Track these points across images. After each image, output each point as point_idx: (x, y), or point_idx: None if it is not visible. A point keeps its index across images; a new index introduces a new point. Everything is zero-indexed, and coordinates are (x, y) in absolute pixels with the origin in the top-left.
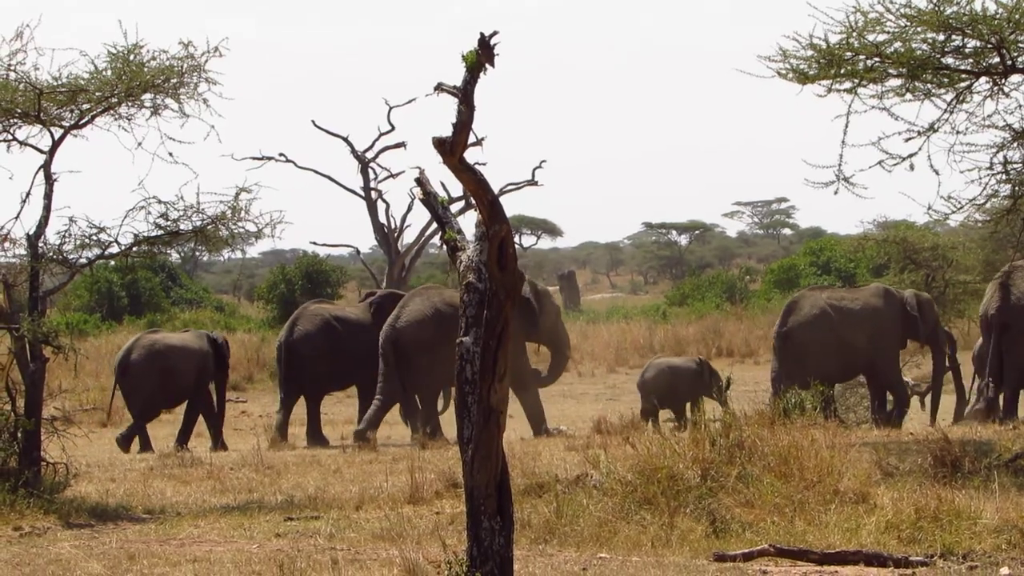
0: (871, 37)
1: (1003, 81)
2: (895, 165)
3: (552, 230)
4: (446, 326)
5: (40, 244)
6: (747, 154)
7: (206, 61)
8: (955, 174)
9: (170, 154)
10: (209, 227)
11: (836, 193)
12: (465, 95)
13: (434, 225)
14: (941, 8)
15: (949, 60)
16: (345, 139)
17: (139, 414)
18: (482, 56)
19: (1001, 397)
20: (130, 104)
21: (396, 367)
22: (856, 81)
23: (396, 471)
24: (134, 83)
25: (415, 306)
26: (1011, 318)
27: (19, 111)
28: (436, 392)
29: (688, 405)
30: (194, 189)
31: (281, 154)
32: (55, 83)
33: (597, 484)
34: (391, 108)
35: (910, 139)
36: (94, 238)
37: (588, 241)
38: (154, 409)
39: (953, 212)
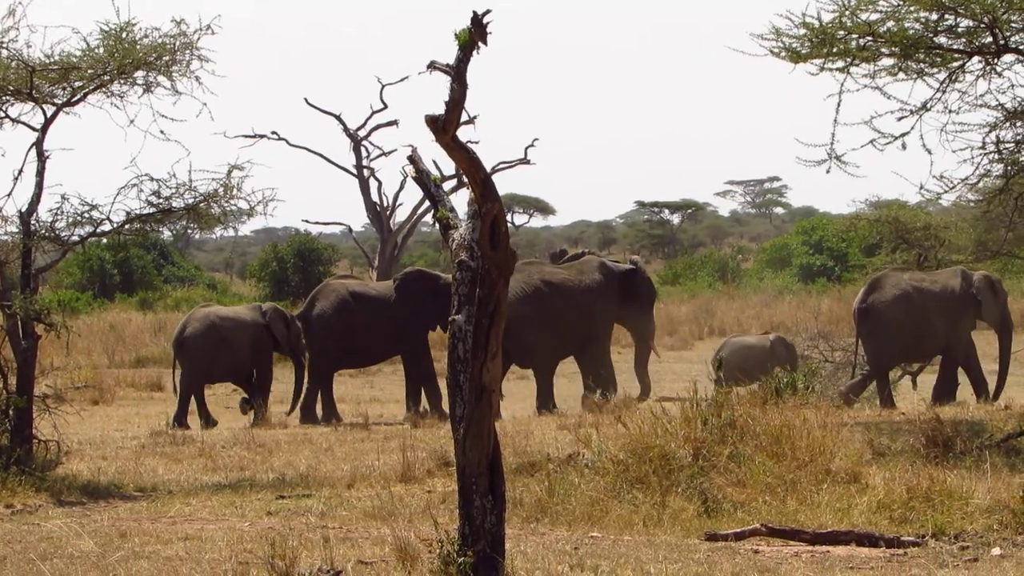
0: (864, 16)
1: (995, 61)
2: (887, 144)
3: (544, 208)
4: (546, 301)
5: (32, 221)
6: (739, 133)
7: (198, 39)
8: (947, 154)
9: (162, 132)
10: (201, 205)
11: (828, 172)
12: (458, 73)
13: (426, 203)
14: None
15: (942, 39)
16: (338, 117)
17: (187, 387)
18: (475, 34)
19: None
20: (122, 82)
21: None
22: (849, 60)
23: (388, 449)
24: (126, 61)
25: (515, 282)
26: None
27: (11, 88)
28: (551, 364)
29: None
30: (186, 167)
31: (273, 132)
32: (47, 61)
33: (589, 463)
34: (384, 86)
35: (902, 118)
36: (86, 216)
37: (580, 220)
38: (209, 380)
39: (945, 192)
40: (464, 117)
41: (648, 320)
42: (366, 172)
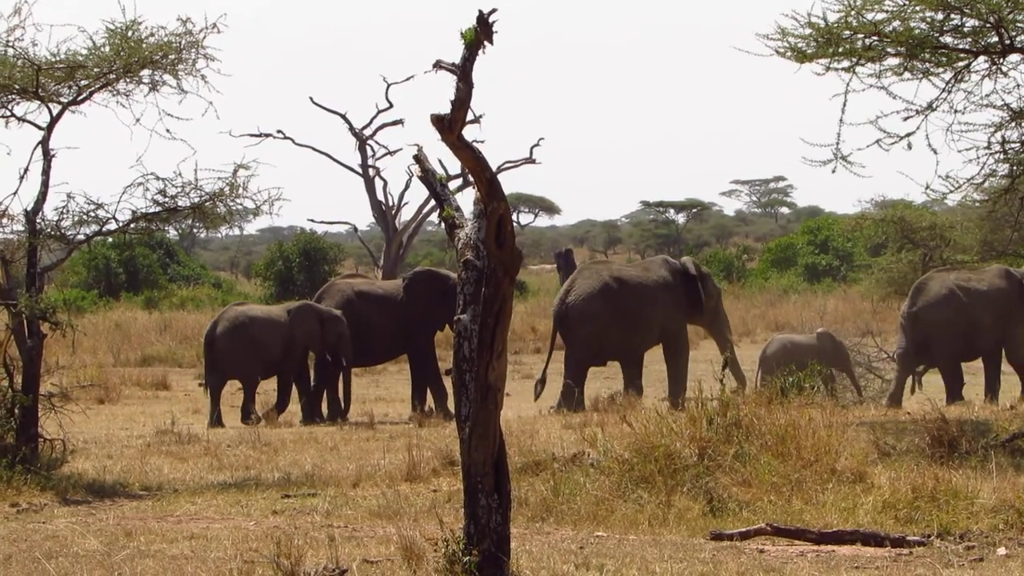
0: (869, 16)
1: (1001, 60)
2: (893, 144)
3: (550, 208)
4: (614, 300)
5: (38, 220)
6: (745, 132)
7: (204, 37)
8: (953, 153)
9: (168, 130)
10: (207, 204)
11: (834, 172)
12: (463, 72)
13: (432, 202)
14: None
15: (947, 39)
16: (343, 116)
17: (245, 384)
18: (480, 33)
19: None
20: (128, 80)
21: (565, 342)
22: (854, 60)
23: (393, 449)
24: (132, 59)
25: (584, 281)
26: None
27: (17, 87)
28: (585, 363)
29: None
30: (192, 166)
31: (279, 131)
32: (53, 59)
33: (594, 462)
34: (389, 85)
35: (908, 118)
36: (92, 214)
37: (586, 219)
38: (251, 378)
39: (951, 191)
40: (470, 116)
41: (718, 315)
42: (372, 171)
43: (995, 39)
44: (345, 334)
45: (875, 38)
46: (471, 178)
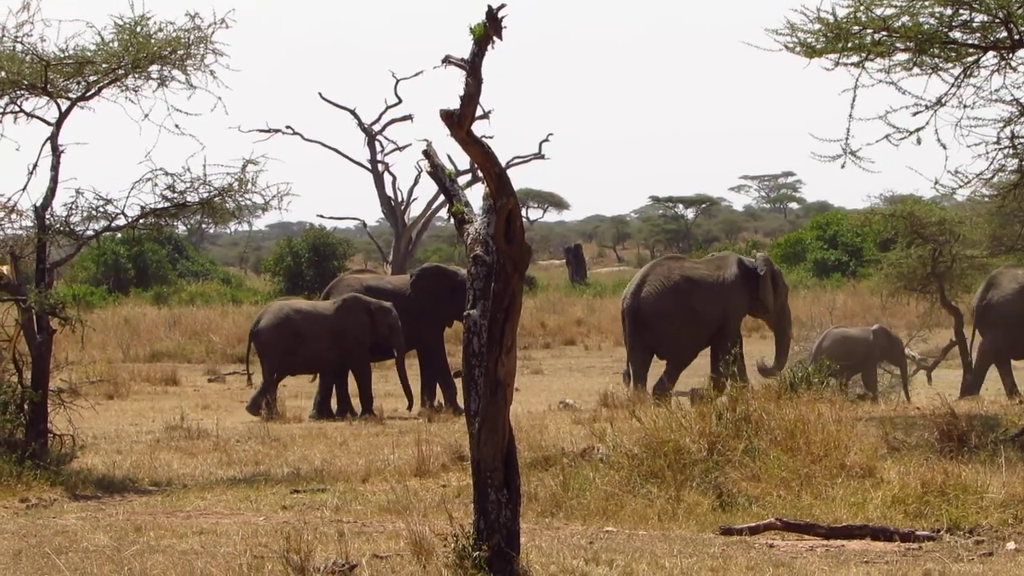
0: (879, 11)
1: (1011, 55)
2: (902, 139)
3: (559, 203)
4: (685, 296)
5: (47, 216)
6: (754, 128)
7: (213, 33)
8: (962, 148)
9: (176, 126)
10: (216, 199)
11: (843, 167)
12: (473, 68)
13: (441, 198)
14: None
15: (957, 34)
16: (352, 111)
17: (265, 378)
18: (490, 29)
19: None
20: (137, 76)
21: (637, 336)
22: (863, 55)
23: (402, 444)
24: (141, 55)
25: (656, 277)
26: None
27: (26, 83)
28: (685, 358)
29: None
30: (201, 161)
31: (288, 126)
32: (62, 55)
33: (603, 457)
34: (398, 81)
35: (917, 113)
36: (101, 210)
37: (595, 214)
38: (282, 373)
39: (960, 187)
40: (479, 112)
41: (785, 312)
42: (381, 167)
43: (1004, 34)
44: (396, 325)
45: (884, 33)
46: (480, 173)
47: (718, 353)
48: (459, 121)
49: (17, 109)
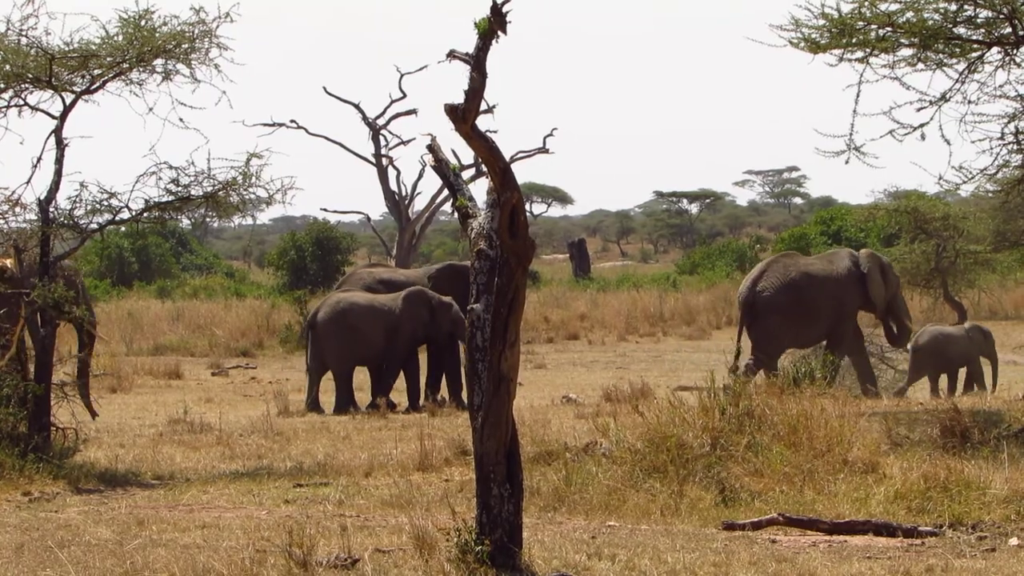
0: (883, 6)
1: (1015, 51)
2: (906, 135)
3: (563, 198)
4: (799, 292)
5: (51, 209)
6: (758, 123)
7: (217, 26)
8: (966, 144)
9: (181, 120)
10: (220, 193)
11: (847, 163)
12: (477, 62)
13: (445, 192)
14: None
15: (961, 30)
16: (356, 106)
17: (335, 374)
18: (494, 23)
19: None
20: (141, 69)
21: (749, 328)
22: (868, 51)
23: (405, 438)
24: (145, 48)
25: (775, 271)
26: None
27: (31, 76)
28: (778, 351)
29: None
30: (205, 155)
31: (292, 120)
32: (67, 48)
33: (606, 452)
34: (402, 75)
35: (921, 109)
36: (105, 203)
37: (599, 209)
38: (343, 367)
39: (964, 182)
40: (483, 106)
41: (899, 301)
42: (385, 161)
43: (1008, 30)
44: (460, 319)
45: (889, 29)
46: (484, 168)
47: (833, 349)
48: (463, 116)
49: (22, 102)
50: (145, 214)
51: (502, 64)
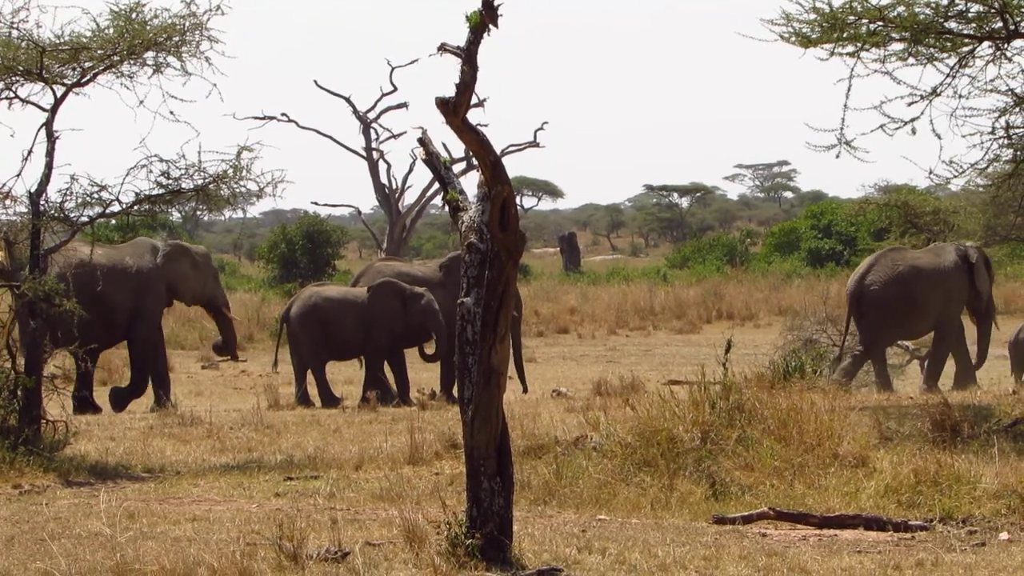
0: (874, 1)
1: (1006, 46)
2: (897, 129)
3: (553, 191)
4: (906, 286)
5: (42, 202)
6: (749, 117)
7: (208, 19)
8: (957, 138)
9: (172, 112)
10: (211, 186)
11: (838, 157)
12: (468, 56)
13: (436, 186)
14: None
15: (952, 24)
16: (347, 99)
17: (312, 369)
18: (485, 17)
19: None
20: (132, 62)
21: (857, 322)
22: (859, 45)
23: (396, 432)
24: (136, 41)
25: (883, 265)
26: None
27: (21, 69)
28: (885, 345)
29: None
30: (196, 148)
31: (283, 114)
32: (57, 41)
33: (597, 446)
34: (393, 68)
35: (912, 103)
36: (95, 196)
37: (589, 203)
38: (317, 361)
39: (955, 176)
40: (474, 100)
41: (990, 300)
42: (375, 154)
43: (999, 24)
44: (431, 309)
45: (879, 23)
46: (475, 161)
47: (939, 342)
48: (454, 109)
49: (12, 95)
50: (135, 207)
51: (493, 58)
